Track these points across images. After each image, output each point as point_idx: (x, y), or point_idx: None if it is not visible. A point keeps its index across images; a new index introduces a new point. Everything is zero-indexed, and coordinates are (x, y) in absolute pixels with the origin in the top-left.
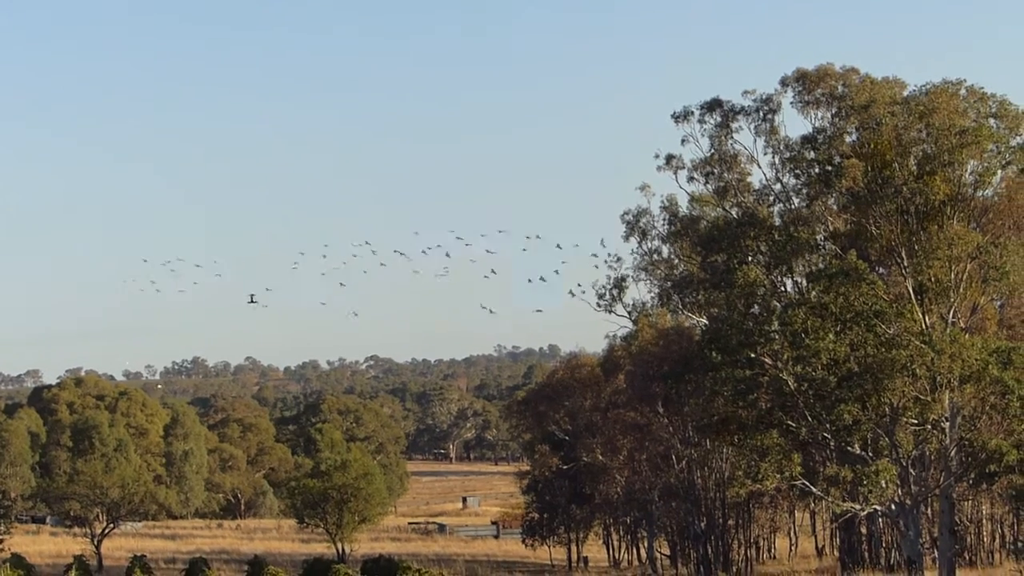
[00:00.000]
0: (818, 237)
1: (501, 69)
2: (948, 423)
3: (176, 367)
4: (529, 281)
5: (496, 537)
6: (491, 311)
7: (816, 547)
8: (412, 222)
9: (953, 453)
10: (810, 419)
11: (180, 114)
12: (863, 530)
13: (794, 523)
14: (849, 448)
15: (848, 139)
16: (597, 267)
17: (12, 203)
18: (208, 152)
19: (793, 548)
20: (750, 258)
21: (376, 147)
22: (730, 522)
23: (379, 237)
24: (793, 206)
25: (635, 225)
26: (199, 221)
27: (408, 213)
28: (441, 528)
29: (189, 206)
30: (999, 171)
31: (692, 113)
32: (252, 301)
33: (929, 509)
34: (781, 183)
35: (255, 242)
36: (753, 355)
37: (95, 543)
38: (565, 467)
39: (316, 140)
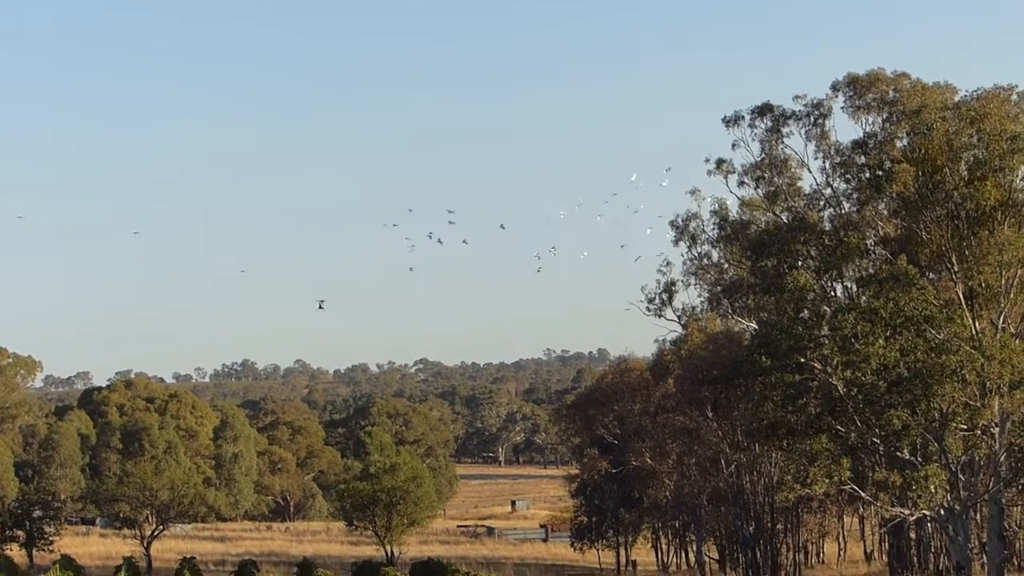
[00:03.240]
0: (868, 242)
1: (551, 72)
2: (998, 428)
3: (226, 370)
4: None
5: (545, 540)
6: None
7: (865, 552)
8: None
9: (1003, 458)
10: (859, 424)
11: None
12: (912, 535)
13: (843, 528)
14: (898, 453)
15: (899, 144)
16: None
17: (63, 209)
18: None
19: (842, 553)
20: (800, 263)
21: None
22: (779, 526)
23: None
24: (843, 211)
25: (685, 229)
26: (256, 225)
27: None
28: (490, 531)
29: (226, 207)
30: None
31: (743, 118)
32: (320, 307)
33: (978, 514)
34: (831, 188)
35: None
36: (803, 360)
37: (144, 545)
38: (614, 471)
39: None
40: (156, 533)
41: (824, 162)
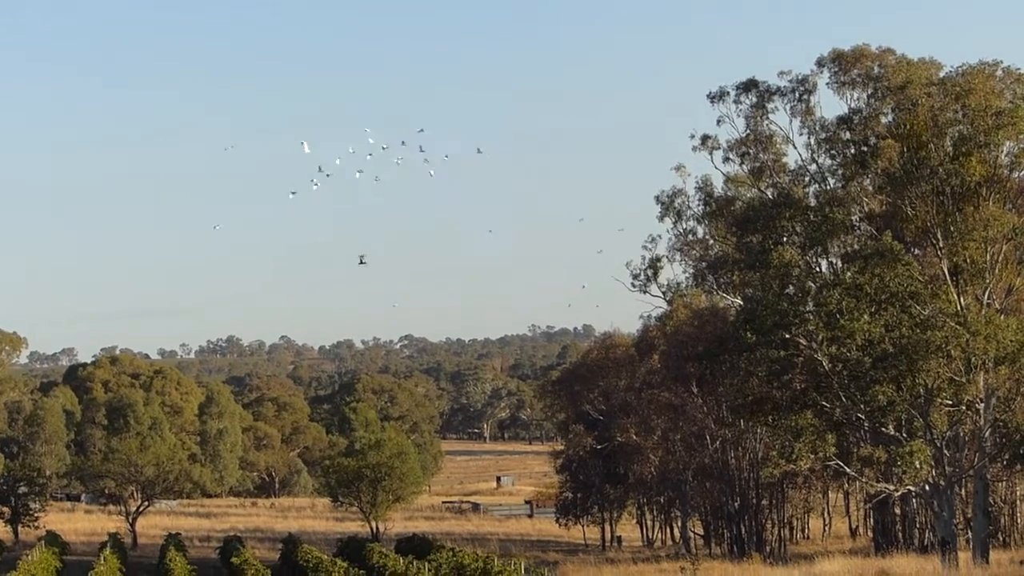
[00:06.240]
0: (853, 218)
1: (533, 47)
2: (982, 404)
3: (211, 346)
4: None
5: (530, 516)
6: None
7: (850, 527)
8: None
9: (987, 434)
10: (844, 400)
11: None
12: (897, 511)
13: (828, 503)
14: (883, 429)
15: (884, 120)
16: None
17: (47, 183)
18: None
19: (827, 528)
20: (785, 239)
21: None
22: (764, 502)
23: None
24: (828, 187)
25: (670, 206)
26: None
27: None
28: (475, 507)
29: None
30: None
31: (728, 93)
32: (362, 262)
33: (963, 490)
34: (816, 164)
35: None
36: (788, 336)
37: (130, 521)
38: (599, 447)
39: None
40: (141, 509)
41: (809, 138)
